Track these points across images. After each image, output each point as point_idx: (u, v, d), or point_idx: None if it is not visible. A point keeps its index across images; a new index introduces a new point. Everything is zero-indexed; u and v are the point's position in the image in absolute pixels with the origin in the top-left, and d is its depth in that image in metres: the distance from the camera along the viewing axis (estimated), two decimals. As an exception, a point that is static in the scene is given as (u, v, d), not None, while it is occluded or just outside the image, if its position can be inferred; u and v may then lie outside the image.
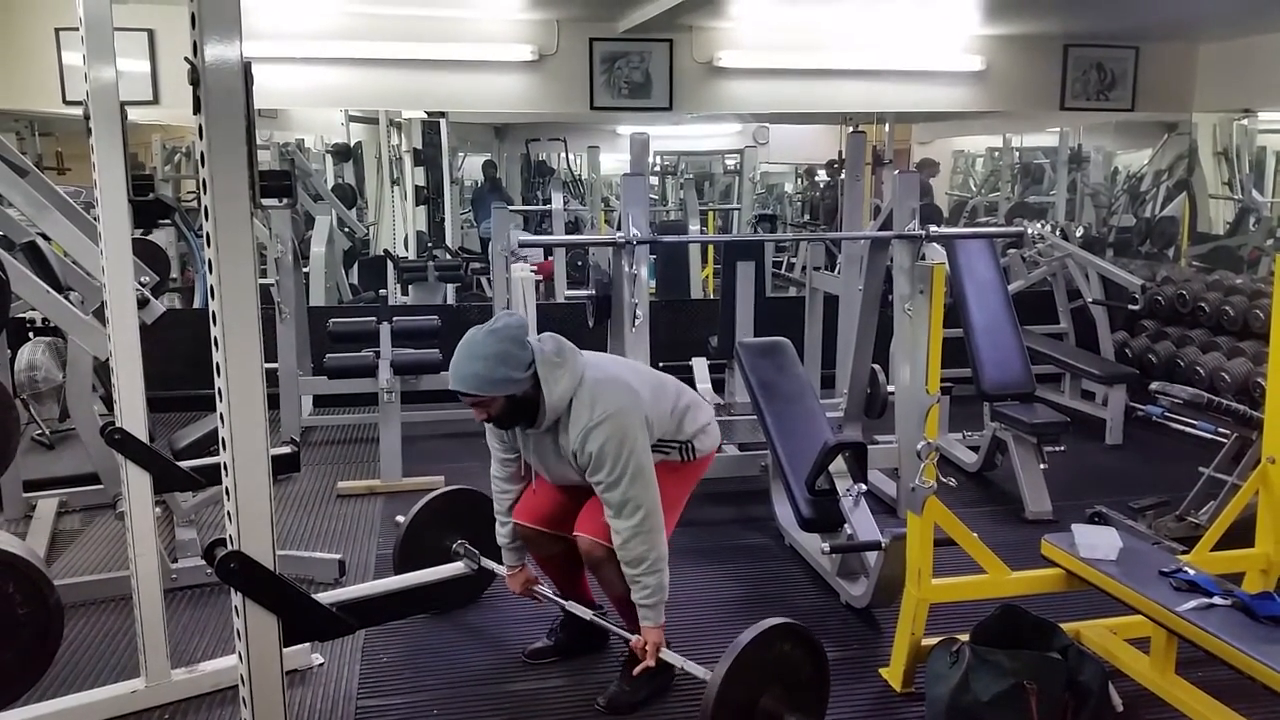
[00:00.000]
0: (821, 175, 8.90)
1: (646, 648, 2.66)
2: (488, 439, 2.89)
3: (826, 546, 3.37)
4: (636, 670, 2.73)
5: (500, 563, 3.11)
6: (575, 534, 2.77)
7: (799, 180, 9.30)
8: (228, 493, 2.00)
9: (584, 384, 2.62)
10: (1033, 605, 2.82)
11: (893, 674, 2.95)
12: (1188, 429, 4.12)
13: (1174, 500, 4.04)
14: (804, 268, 5.87)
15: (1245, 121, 7.39)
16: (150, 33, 5.81)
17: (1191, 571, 2.69)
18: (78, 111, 2.62)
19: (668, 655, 2.67)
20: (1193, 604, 2.53)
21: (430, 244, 7.59)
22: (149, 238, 5.83)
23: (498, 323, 2.60)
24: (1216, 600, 2.54)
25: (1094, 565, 2.79)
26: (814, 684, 2.61)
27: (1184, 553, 3.17)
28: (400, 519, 3.43)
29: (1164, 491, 4.16)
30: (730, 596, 3.57)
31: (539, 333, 2.75)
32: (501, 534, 2.98)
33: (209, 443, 3.64)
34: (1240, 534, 3.14)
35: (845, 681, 2.96)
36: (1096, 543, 2.85)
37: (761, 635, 2.50)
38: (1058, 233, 6.36)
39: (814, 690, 2.61)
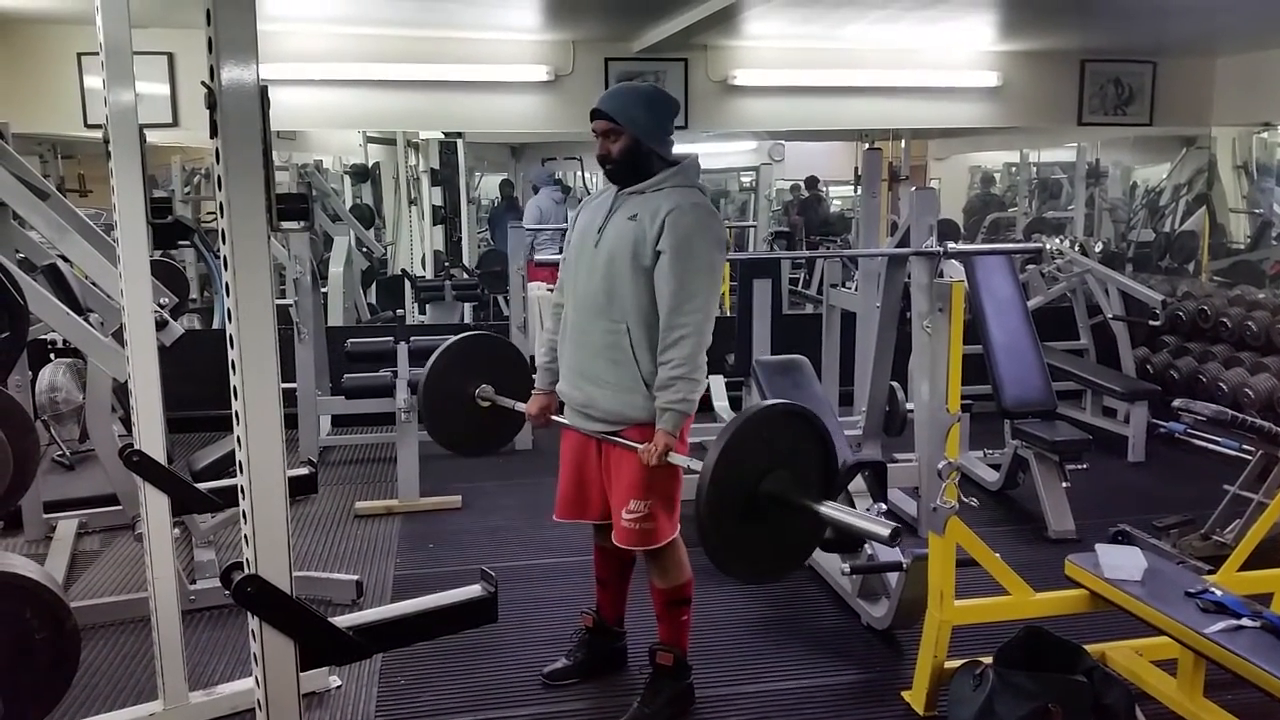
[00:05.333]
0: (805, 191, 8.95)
1: (654, 448, 2.55)
2: (564, 257, 2.88)
3: (847, 567, 3.34)
4: (641, 452, 2.58)
5: (517, 406, 3.06)
6: (618, 545, 2.76)
7: (795, 194, 9.28)
8: (245, 516, 1.99)
9: (702, 192, 2.69)
10: (1057, 626, 2.79)
11: (915, 697, 2.91)
12: (1211, 446, 4.06)
13: (1199, 519, 3.99)
14: (820, 284, 5.85)
15: (1265, 135, 7.35)
16: (170, 56, 5.87)
17: (1218, 592, 2.65)
18: (99, 135, 2.64)
19: (676, 458, 2.54)
20: (1220, 625, 2.49)
21: (448, 263, 7.62)
22: (168, 259, 5.88)
23: (657, 86, 2.73)
24: (1245, 622, 2.50)
25: (1119, 586, 2.75)
26: (818, 467, 2.36)
27: (1210, 573, 3.13)
28: (431, 546, 3.38)
29: (1188, 510, 4.11)
30: (750, 617, 3.54)
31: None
32: (542, 351, 2.96)
33: (227, 464, 3.63)
34: (1268, 553, 3.10)
35: (868, 704, 2.93)
36: (1121, 563, 2.82)
37: (757, 414, 2.35)
38: (1076, 248, 6.32)
39: (819, 472, 2.36)
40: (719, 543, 2.23)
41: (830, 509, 2.23)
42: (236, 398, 1.93)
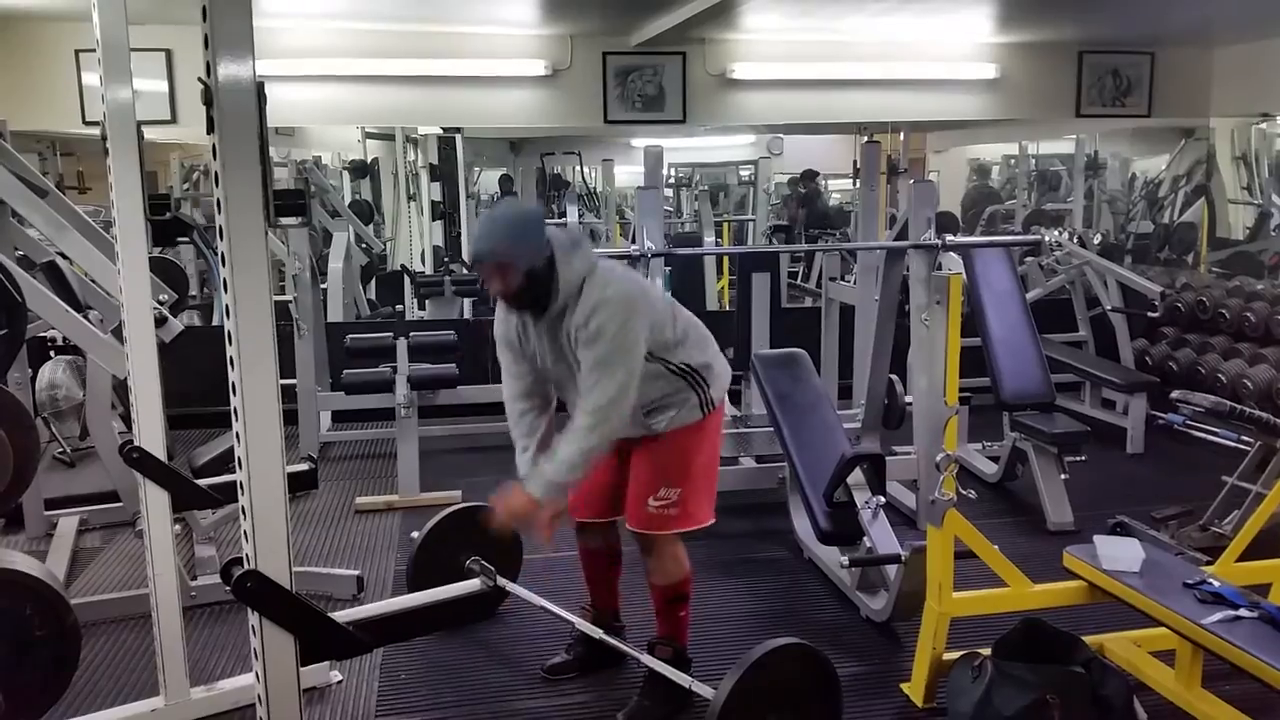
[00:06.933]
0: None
1: (511, 504, 2.59)
2: (498, 351, 2.83)
3: (845, 560, 3.35)
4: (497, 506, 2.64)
5: (510, 586, 3.10)
6: (630, 528, 2.79)
7: (793, 188, 9.28)
8: (244, 512, 2.00)
9: (598, 268, 2.64)
10: (1055, 618, 2.80)
11: (914, 689, 2.92)
12: (1210, 437, 4.08)
13: (1197, 510, 3.99)
14: (819, 278, 5.86)
15: (1264, 125, 7.35)
16: (168, 53, 5.87)
17: (1216, 583, 2.66)
18: (97, 132, 2.64)
19: (673, 675, 2.63)
20: (1218, 616, 2.50)
21: (447, 259, 7.62)
22: (168, 255, 5.88)
23: (517, 203, 2.61)
24: (1243, 612, 2.51)
25: (1117, 577, 2.76)
26: (824, 704, 2.57)
27: (1208, 563, 3.13)
28: (415, 535, 3.42)
29: (1187, 501, 4.12)
30: (748, 610, 3.55)
31: None
32: (522, 461, 2.88)
33: (228, 460, 3.64)
34: (1266, 544, 3.10)
35: (866, 697, 2.93)
36: (1119, 554, 2.82)
37: (767, 655, 2.47)
38: (1075, 240, 6.32)
39: (824, 710, 2.58)
40: None
41: None
42: (235, 394, 1.94)
